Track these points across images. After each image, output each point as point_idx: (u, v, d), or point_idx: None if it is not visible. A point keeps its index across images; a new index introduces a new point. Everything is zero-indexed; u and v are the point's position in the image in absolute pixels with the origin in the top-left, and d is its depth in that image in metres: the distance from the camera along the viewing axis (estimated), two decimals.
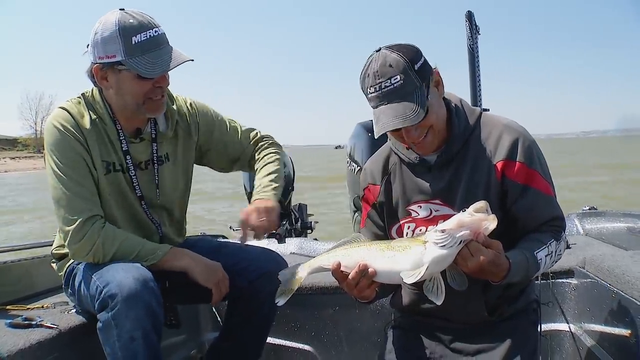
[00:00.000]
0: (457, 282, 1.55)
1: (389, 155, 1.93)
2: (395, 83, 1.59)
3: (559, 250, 1.72)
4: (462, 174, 1.75)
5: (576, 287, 2.56)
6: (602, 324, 2.29)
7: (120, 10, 1.97)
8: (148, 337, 1.82)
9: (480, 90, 3.85)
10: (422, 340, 1.91)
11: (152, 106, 2.05)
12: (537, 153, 1.74)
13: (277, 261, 2.20)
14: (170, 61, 1.97)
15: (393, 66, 1.59)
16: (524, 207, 1.71)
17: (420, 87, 1.61)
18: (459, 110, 1.79)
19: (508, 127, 1.75)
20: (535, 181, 1.71)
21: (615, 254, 2.54)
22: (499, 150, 1.72)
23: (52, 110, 2.17)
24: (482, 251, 1.47)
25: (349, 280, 1.61)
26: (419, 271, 1.49)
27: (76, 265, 2.12)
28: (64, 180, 1.98)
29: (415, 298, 1.89)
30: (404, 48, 1.63)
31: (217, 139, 2.34)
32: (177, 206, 2.32)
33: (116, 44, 1.92)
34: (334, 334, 2.81)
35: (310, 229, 4.64)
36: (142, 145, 2.15)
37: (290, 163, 4.41)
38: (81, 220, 1.96)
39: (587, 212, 3.53)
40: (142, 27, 1.94)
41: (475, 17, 3.92)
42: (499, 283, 1.58)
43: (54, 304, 2.39)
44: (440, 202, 1.78)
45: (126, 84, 1.99)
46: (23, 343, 1.92)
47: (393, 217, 1.90)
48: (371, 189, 1.95)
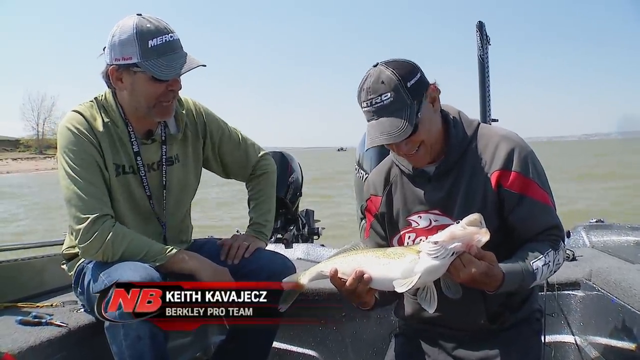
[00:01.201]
0: (451, 290, 1.59)
1: (391, 167, 1.97)
2: (385, 100, 1.66)
3: (557, 259, 1.72)
4: (460, 185, 1.78)
5: (582, 299, 2.56)
6: (607, 337, 2.29)
7: (137, 15, 2.03)
8: (155, 336, 1.84)
9: (490, 100, 3.85)
10: (425, 348, 1.92)
11: (161, 110, 2.10)
12: (534, 163, 1.76)
13: (286, 265, 2.22)
14: (183, 66, 2.03)
15: (385, 83, 1.66)
16: (520, 216, 1.73)
17: (411, 104, 1.66)
18: (457, 122, 1.83)
19: (505, 137, 1.78)
20: (532, 190, 1.72)
21: (621, 267, 2.55)
22: (495, 160, 1.75)
23: (54, 112, 2.22)
24: (474, 263, 1.50)
25: (347, 287, 1.65)
26: (410, 280, 1.53)
27: (85, 264, 2.14)
28: (76, 180, 2.02)
29: (418, 307, 1.90)
30: (400, 65, 1.69)
31: (222, 145, 2.41)
32: (183, 207, 2.35)
33: (133, 47, 1.98)
34: (339, 340, 2.81)
35: (317, 235, 4.65)
36: (153, 146, 2.20)
37: (299, 168, 4.43)
38: (92, 219, 1.99)
39: (594, 225, 3.53)
40: (158, 31, 2.01)
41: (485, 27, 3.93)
42: (493, 293, 1.60)
43: (64, 303, 2.41)
44: (439, 212, 1.81)
45: (140, 85, 2.04)
46: (33, 340, 1.95)
47: (394, 228, 1.93)
48: (373, 199, 2.00)
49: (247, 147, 2.49)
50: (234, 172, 2.51)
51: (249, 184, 2.54)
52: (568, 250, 2.93)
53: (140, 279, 1.83)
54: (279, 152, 4.35)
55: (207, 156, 2.40)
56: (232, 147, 2.44)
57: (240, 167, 2.50)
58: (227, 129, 2.44)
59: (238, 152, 2.46)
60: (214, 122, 2.39)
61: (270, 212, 2.51)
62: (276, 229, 4.12)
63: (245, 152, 2.48)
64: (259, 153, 2.54)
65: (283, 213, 4.25)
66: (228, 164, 2.47)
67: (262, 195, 2.51)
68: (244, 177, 2.54)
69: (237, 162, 2.48)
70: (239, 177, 2.55)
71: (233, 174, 2.52)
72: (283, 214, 4.26)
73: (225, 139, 2.42)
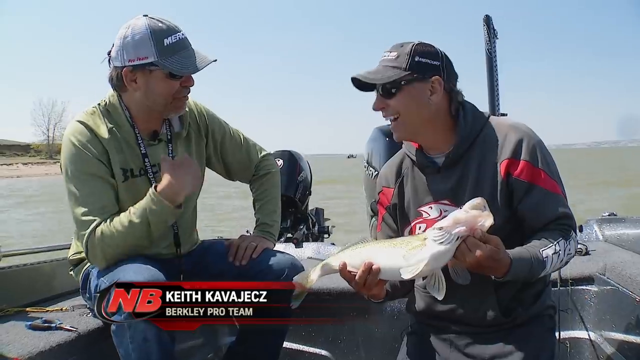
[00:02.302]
0: (460, 276, 1.60)
1: (403, 159, 1.99)
2: (389, 56, 1.80)
3: (568, 249, 1.70)
4: (468, 174, 1.79)
5: (596, 294, 2.53)
6: (623, 332, 2.26)
7: (145, 16, 2.06)
8: (161, 338, 1.84)
9: (499, 95, 3.81)
10: (437, 346, 1.91)
11: (177, 104, 2.14)
12: (543, 152, 1.75)
13: (294, 264, 2.21)
14: (198, 61, 2.07)
15: (401, 47, 1.79)
16: (529, 205, 1.72)
17: (403, 70, 1.75)
18: (466, 114, 1.84)
19: (513, 127, 1.79)
20: (541, 179, 1.72)
21: (636, 261, 2.51)
22: (504, 149, 1.75)
23: (65, 117, 2.23)
24: (479, 246, 1.50)
25: (357, 279, 1.67)
26: (417, 267, 1.54)
27: (91, 269, 2.15)
28: (76, 194, 2.05)
29: (429, 300, 1.90)
30: (426, 45, 1.80)
31: (223, 145, 2.42)
32: (190, 205, 2.35)
33: (148, 47, 2.01)
34: (351, 339, 2.80)
35: (328, 234, 4.64)
36: (160, 146, 2.21)
37: (308, 167, 4.42)
38: (86, 233, 2.00)
39: (607, 218, 3.48)
40: (170, 30, 2.05)
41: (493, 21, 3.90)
42: (501, 279, 1.60)
43: (73, 307, 2.41)
44: (449, 203, 1.81)
45: (156, 84, 2.07)
46: (43, 345, 1.94)
47: (405, 219, 1.94)
48: (385, 192, 2.02)
49: (248, 148, 2.50)
50: (236, 173, 2.52)
51: (253, 185, 2.54)
52: (581, 244, 2.88)
53: (143, 280, 1.83)
54: (287, 151, 4.35)
55: (209, 155, 2.41)
56: (233, 147, 2.45)
57: (243, 167, 2.50)
58: (229, 129, 2.45)
59: (240, 152, 2.47)
60: (215, 121, 2.41)
61: (276, 212, 2.51)
62: (286, 228, 4.12)
63: (247, 152, 2.49)
64: (261, 153, 2.54)
65: (292, 212, 4.25)
66: (230, 164, 2.47)
67: (267, 196, 2.50)
68: (247, 178, 2.54)
69: (239, 162, 2.48)
70: (241, 178, 2.55)
71: (235, 174, 2.52)
72: (292, 212, 4.26)
73: (227, 138, 2.43)
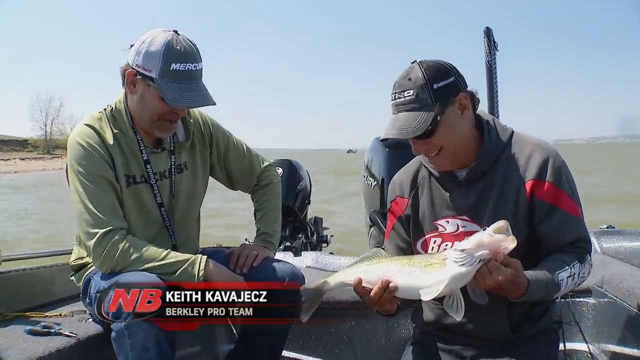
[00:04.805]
0: (478, 296, 1.58)
1: (419, 168, 1.95)
2: (407, 97, 1.69)
3: (582, 272, 1.70)
4: (491, 191, 1.76)
5: (594, 306, 2.53)
6: (621, 345, 2.27)
7: (173, 32, 2.03)
8: (161, 346, 1.84)
9: (498, 107, 3.80)
10: (442, 358, 1.90)
11: (163, 126, 2.12)
12: (567, 174, 1.74)
13: (295, 273, 2.21)
14: (195, 100, 2.04)
15: (412, 80, 1.69)
16: (549, 226, 1.71)
17: (432, 106, 1.68)
18: (491, 128, 1.81)
19: (538, 146, 1.77)
20: (563, 202, 1.71)
21: (634, 273, 2.52)
22: (529, 169, 1.73)
23: (62, 112, 2.24)
24: (500, 270, 1.49)
25: (372, 296, 1.65)
26: (437, 288, 1.52)
27: (92, 275, 2.14)
28: (84, 196, 2.03)
29: (439, 313, 1.89)
30: (434, 66, 1.72)
31: (227, 154, 2.43)
32: (192, 214, 2.36)
33: (156, 62, 2.00)
34: (350, 348, 2.80)
35: (326, 243, 4.64)
36: (163, 155, 2.22)
37: (307, 176, 4.43)
38: (101, 233, 1.98)
39: (605, 231, 3.48)
40: (185, 57, 2.01)
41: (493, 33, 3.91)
42: (517, 300, 1.59)
43: (72, 312, 2.41)
44: (468, 219, 1.79)
45: (149, 99, 2.06)
46: (42, 351, 1.94)
47: (419, 231, 1.91)
48: (399, 201, 1.98)
49: (251, 158, 2.51)
50: (238, 182, 2.53)
51: (254, 195, 2.55)
52: None
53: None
54: (287, 160, 4.35)
55: (213, 164, 2.42)
56: (237, 156, 2.46)
57: (245, 176, 2.51)
58: (232, 138, 2.47)
59: (243, 162, 2.48)
60: (219, 131, 2.42)
61: (277, 222, 2.51)
62: (285, 237, 4.12)
63: (250, 162, 2.50)
64: (263, 164, 2.55)
65: (291, 221, 4.25)
66: (233, 173, 2.48)
67: (268, 205, 2.51)
68: (249, 188, 2.55)
69: (241, 172, 2.49)
70: (243, 187, 2.56)
71: (238, 183, 2.53)
72: (291, 221, 4.26)
73: (231, 148, 2.44)
